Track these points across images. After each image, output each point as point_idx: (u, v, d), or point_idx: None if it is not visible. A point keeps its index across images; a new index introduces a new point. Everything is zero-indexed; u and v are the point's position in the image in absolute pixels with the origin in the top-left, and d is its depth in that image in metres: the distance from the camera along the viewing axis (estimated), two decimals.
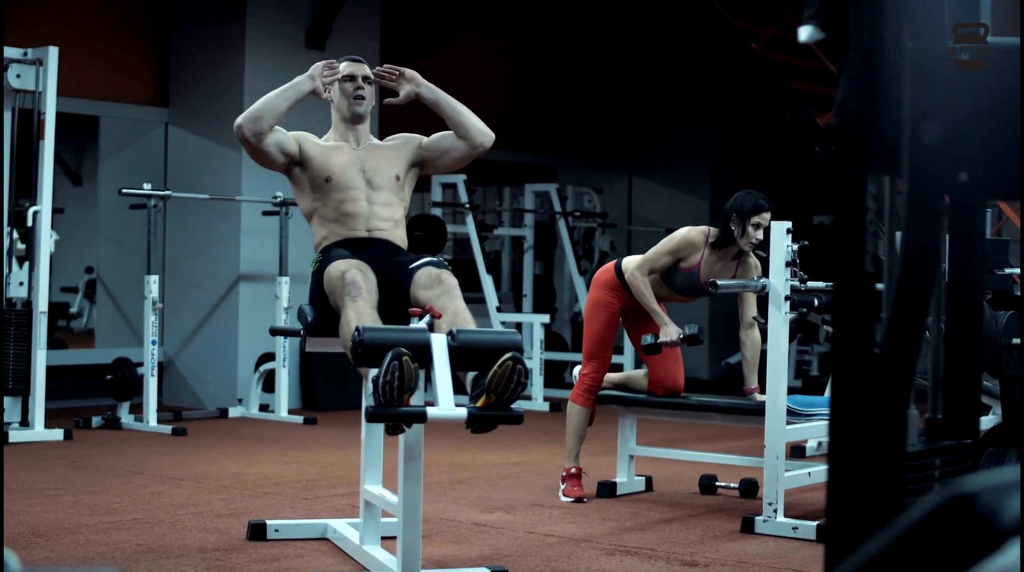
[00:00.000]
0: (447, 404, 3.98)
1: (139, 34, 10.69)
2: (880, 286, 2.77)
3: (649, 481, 6.67)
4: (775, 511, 5.50)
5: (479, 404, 4.02)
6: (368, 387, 3.96)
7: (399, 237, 4.94)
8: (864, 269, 2.59)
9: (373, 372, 3.98)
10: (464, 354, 4.08)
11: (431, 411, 3.95)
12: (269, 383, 9.97)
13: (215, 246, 10.48)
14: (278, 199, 9.81)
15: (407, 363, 3.87)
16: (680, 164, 14.69)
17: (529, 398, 10.41)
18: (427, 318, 4.28)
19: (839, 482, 2.66)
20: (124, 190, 8.94)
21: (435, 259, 4.70)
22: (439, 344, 4.07)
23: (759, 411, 5.99)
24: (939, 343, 2.95)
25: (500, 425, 4.09)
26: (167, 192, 9.11)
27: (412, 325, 4.26)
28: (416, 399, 4.05)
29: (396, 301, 4.56)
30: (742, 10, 11.95)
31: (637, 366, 9.71)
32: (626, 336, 6.73)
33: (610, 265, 6.46)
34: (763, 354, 5.94)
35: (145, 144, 10.93)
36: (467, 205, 11.46)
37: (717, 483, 6.60)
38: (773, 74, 11.51)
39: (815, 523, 5.42)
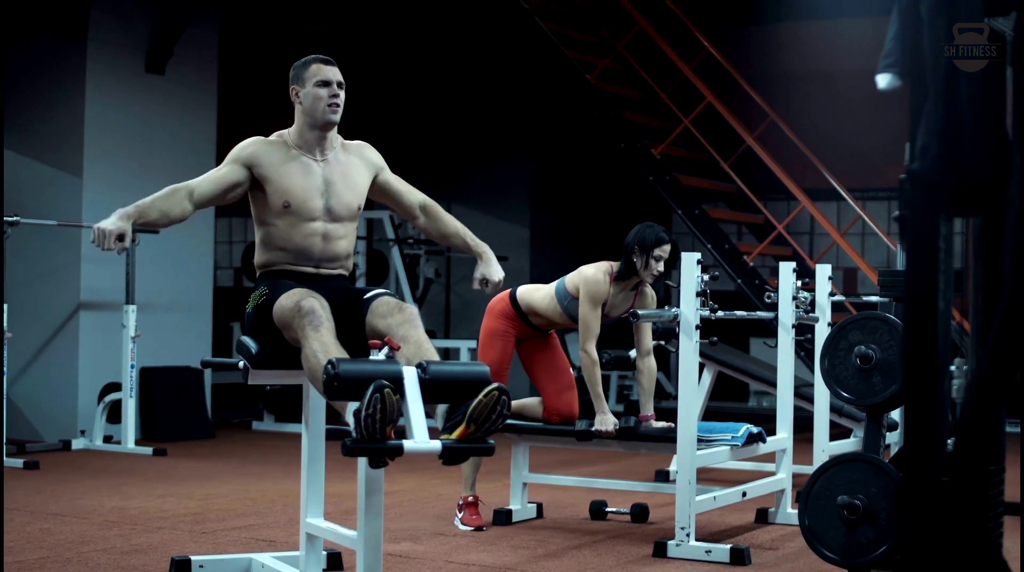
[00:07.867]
0: (422, 437, 3.98)
1: None
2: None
3: (540, 508, 6.73)
4: (688, 535, 5.63)
5: (454, 435, 4.03)
6: (350, 420, 3.93)
7: (347, 267, 4.84)
8: (936, 304, 2.71)
9: (351, 405, 3.96)
10: (435, 387, 4.07)
11: (407, 444, 3.93)
12: (111, 413, 9.72)
13: (53, 273, 10.17)
14: None
15: (388, 395, 3.86)
16: (500, 191, 14.85)
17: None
18: (386, 350, 4.25)
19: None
20: None
21: (389, 291, 4.69)
22: (410, 376, 4.06)
23: (656, 438, 6.16)
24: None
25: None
26: (16, 218, 8.80)
27: (372, 357, 4.23)
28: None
29: (348, 331, 4.50)
30: (575, 42, 12.17)
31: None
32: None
33: (504, 294, 6.51)
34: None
35: None
36: None
37: (607, 508, 6.70)
38: (606, 105, 11.75)
39: (728, 546, 5.57)
